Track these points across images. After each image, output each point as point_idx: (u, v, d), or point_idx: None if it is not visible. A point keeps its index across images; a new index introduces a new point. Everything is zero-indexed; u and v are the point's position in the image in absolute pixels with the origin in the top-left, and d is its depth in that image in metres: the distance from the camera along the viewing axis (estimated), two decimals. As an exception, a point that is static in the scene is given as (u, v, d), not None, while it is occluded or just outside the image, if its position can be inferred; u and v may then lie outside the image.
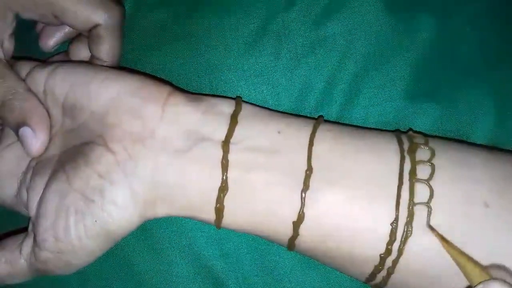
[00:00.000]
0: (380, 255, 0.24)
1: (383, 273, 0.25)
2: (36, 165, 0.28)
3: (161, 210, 0.26)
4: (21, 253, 0.27)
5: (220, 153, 0.26)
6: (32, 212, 0.27)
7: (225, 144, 0.26)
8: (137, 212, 0.26)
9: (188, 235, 0.31)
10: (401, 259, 0.24)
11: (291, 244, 0.26)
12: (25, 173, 0.28)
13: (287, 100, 0.31)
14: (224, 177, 0.25)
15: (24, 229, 0.28)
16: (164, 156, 0.26)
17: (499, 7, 0.30)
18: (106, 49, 0.30)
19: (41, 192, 0.27)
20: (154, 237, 0.31)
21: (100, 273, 0.32)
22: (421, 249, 0.24)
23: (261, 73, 0.31)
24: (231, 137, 0.26)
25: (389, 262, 0.25)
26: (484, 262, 0.23)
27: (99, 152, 0.26)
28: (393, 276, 0.25)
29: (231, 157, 0.26)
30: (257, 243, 0.31)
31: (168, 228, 0.31)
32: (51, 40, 0.32)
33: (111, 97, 0.26)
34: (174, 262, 0.31)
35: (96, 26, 0.29)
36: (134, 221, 0.26)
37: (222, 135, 0.26)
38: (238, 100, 0.28)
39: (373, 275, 0.25)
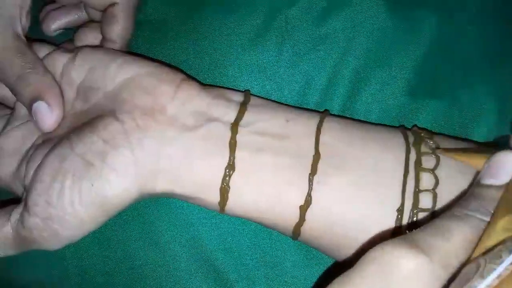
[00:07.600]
0: (387, 242, 0.24)
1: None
2: (40, 143, 0.27)
3: (162, 185, 0.26)
4: (9, 220, 0.26)
5: (228, 133, 0.26)
6: (28, 179, 0.26)
7: (234, 125, 0.26)
8: (136, 183, 0.25)
9: (190, 229, 0.30)
10: None
11: (296, 231, 0.25)
12: (27, 151, 0.28)
13: (289, 96, 0.31)
14: (232, 157, 0.25)
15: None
16: (172, 131, 0.26)
17: (501, 4, 0.30)
18: (119, 30, 0.30)
19: (41, 160, 0.26)
20: (156, 230, 0.31)
21: (101, 267, 0.31)
22: None
23: (264, 69, 0.31)
24: (240, 120, 0.26)
25: None
26: None
27: (107, 121, 0.26)
28: None
29: (239, 138, 0.26)
30: (259, 238, 0.30)
31: (170, 221, 0.31)
32: (54, 24, 0.32)
33: (127, 77, 0.27)
34: (176, 256, 0.31)
35: (113, 4, 0.30)
36: (131, 192, 0.25)
37: (231, 118, 0.26)
38: (247, 92, 0.29)
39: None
